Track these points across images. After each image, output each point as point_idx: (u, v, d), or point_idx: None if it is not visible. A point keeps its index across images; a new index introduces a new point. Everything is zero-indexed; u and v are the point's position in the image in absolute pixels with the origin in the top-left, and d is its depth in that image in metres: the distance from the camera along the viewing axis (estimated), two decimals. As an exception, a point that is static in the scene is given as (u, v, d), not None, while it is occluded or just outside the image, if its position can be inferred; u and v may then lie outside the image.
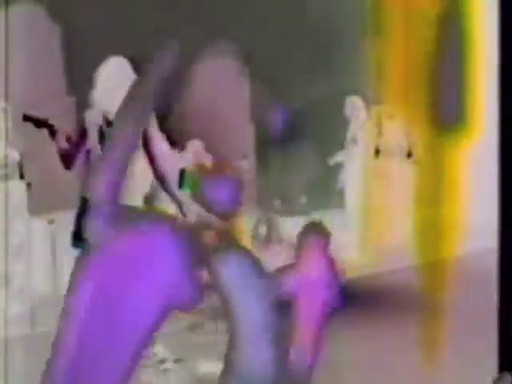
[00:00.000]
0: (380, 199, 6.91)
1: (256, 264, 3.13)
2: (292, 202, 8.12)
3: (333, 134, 7.34)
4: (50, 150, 4.59)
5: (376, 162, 7.04)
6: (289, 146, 8.18)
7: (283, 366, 2.96)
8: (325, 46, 8.22)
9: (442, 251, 6.99)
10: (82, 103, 7.10)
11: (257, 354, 2.93)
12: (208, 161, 6.72)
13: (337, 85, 8.13)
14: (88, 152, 4.56)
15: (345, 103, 7.05)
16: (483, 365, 3.12)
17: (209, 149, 7.15)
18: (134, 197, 5.24)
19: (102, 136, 4.56)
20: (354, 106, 6.93)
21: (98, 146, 4.50)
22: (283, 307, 2.84)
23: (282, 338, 3.00)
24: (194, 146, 6.67)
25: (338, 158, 6.94)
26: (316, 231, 3.17)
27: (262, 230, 6.60)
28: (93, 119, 4.63)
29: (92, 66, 6.88)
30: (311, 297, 3.13)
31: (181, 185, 6.75)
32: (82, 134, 4.61)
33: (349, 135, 6.94)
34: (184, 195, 6.58)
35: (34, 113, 5.21)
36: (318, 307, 3.18)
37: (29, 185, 5.16)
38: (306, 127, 8.22)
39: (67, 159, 4.50)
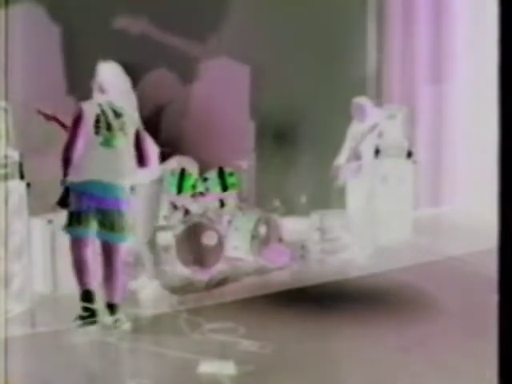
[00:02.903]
0: (380, 199, 6.90)
1: None
2: (292, 202, 8.12)
3: (333, 134, 7.33)
4: (50, 150, 4.59)
5: (376, 162, 7.03)
6: (289, 146, 8.18)
7: None
8: (327, 46, 8.22)
9: (442, 251, 6.99)
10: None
11: None
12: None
13: (338, 85, 8.13)
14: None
15: (346, 103, 7.01)
16: (483, 365, 3.12)
17: (208, 149, 7.16)
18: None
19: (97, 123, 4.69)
20: (362, 106, 6.86)
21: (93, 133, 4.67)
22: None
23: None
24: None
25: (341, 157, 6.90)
26: None
27: (262, 229, 6.59)
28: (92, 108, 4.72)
29: (92, 66, 6.87)
30: None
31: (180, 185, 6.78)
32: (78, 121, 4.69)
33: (352, 135, 6.90)
34: (184, 195, 6.58)
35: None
36: None
37: (29, 185, 5.15)
38: (306, 127, 8.22)
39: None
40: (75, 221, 4.69)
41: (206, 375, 3.97)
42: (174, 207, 6.45)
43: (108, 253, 4.75)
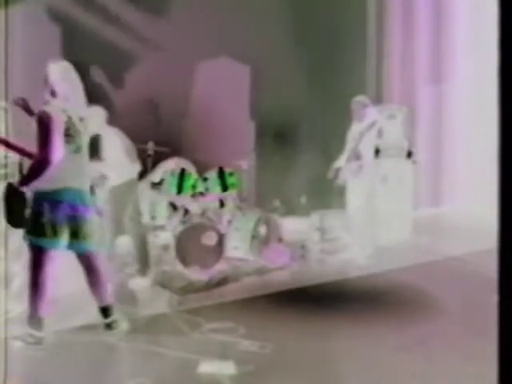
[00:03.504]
0: (380, 199, 6.90)
1: None
2: (292, 202, 8.12)
3: (333, 134, 7.33)
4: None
5: (376, 162, 7.03)
6: (289, 146, 8.19)
7: None
8: (327, 46, 8.22)
9: (442, 251, 6.99)
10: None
11: None
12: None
13: (338, 85, 8.13)
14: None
15: (346, 103, 7.01)
16: (483, 365, 3.11)
17: (208, 149, 7.16)
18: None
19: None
20: (361, 105, 6.86)
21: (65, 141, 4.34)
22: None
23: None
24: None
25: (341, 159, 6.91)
26: None
27: (262, 229, 6.60)
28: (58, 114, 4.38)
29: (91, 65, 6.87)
30: None
31: (180, 185, 6.78)
32: (50, 126, 4.31)
33: (352, 136, 6.89)
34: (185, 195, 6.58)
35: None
36: None
37: (29, 185, 5.14)
38: (306, 127, 8.23)
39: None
40: (51, 231, 4.35)
41: (206, 375, 3.97)
42: (174, 207, 6.46)
43: (87, 261, 4.59)
